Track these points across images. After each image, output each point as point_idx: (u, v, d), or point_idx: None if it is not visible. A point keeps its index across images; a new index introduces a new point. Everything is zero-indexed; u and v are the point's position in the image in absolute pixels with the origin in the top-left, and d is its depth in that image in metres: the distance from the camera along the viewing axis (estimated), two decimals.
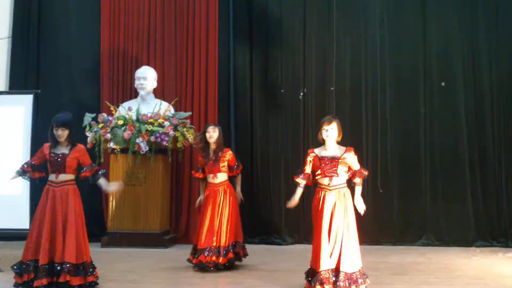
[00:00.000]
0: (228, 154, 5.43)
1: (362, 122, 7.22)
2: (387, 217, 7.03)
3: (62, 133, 4.49)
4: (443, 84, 7.17)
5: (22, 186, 6.14)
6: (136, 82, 7.17)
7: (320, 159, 4.38)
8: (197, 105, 7.45)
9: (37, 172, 4.68)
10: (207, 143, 5.41)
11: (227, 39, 7.54)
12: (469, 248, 6.68)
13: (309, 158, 4.46)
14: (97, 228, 7.01)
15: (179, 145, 6.79)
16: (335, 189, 4.34)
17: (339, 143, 4.55)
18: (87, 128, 6.77)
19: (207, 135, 5.37)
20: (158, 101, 7.14)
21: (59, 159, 4.50)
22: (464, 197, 6.96)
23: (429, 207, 7.01)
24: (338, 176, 4.36)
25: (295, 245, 6.99)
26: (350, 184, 4.54)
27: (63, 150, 4.54)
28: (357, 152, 6.99)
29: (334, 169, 4.35)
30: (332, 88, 7.24)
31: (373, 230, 6.93)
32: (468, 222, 6.91)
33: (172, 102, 7.15)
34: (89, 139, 6.74)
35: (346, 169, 4.44)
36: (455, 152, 7.08)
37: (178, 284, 4.78)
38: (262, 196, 7.23)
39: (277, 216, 7.15)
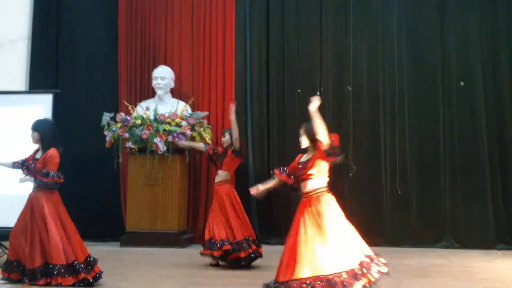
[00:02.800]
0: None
1: (379, 122, 7.15)
2: (405, 218, 6.96)
3: (32, 135, 4.70)
4: (462, 83, 7.08)
5: None
6: (154, 82, 7.20)
7: (298, 163, 4.01)
8: (214, 105, 7.45)
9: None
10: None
11: (244, 39, 7.52)
12: (490, 250, 6.58)
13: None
14: (116, 228, 7.08)
15: None
16: (311, 194, 3.86)
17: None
18: (106, 127, 6.82)
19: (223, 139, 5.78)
20: (175, 100, 7.17)
21: (33, 164, 4.63)
22: (484, 198, 6.86)
23: (449, 209, 6.92)
24: (311, 178, 3.88)
25: None
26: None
27: (38, 155, 4.69)
28: (374, 153, 7.08)
29: (304, 171, 3.89)
30: (349, 88, 7.19)
31: (391, 231, 6.88)
32: (489, 224, 6.80)
33: (189, 102, 7.16)
34: (107, 139, 6.79)
35: (322, 169, 3.89)
36: (474, 153, 6.98)
37: (195, 284, 4.78)
38: (279, 197, 7.18)
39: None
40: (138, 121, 6.76)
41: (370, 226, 6.97)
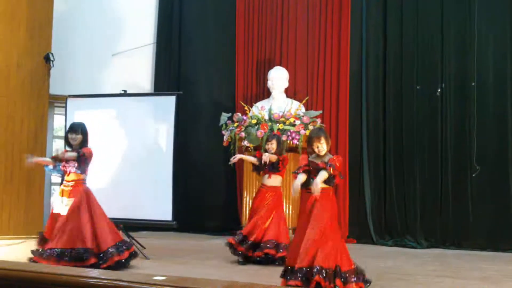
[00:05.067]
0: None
1: (507, 120, 6.63)
2: None
3: (75, 137, 4.80)
4: None
5: (166, 181, 6.50)
6: (269, 82, 7.36)
7: (310, 162, 4.34)
8: (328, 103, 7.43)
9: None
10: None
11: (360, 36, 7.40)
12: None
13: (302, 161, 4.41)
14: (232, 222, 7.34)
15: None
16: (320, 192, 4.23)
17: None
18: (223, 127, 7.12)
19: (266, 147, 5.68)
20: (289, 100, 7.26)
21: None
22: None
23: None
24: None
25: (431, 249, 6.64)
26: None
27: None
28: (500, 152, 6.57)
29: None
30: (473, 84, 6.75)
31: None
32: None
33: (303, 101, 7.21)
34: (225, 138, 7.08)
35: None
36: None
37: None
38: (396, 197, 6.98)
39: (411, 218, 6.86)
40: (254, 121, 6.95)
41: (496, 231, 6.53)
